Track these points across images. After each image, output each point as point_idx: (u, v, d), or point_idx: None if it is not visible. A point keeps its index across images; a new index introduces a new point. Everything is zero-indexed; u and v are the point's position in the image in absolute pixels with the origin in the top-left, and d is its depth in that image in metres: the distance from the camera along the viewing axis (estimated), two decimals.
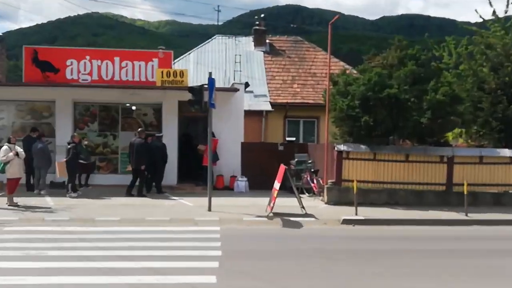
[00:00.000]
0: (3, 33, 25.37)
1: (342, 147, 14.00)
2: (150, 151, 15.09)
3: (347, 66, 21.21)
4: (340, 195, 13.88)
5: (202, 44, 25.08)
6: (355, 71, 17.64)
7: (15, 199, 12.83)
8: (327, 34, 14.72)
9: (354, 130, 14.47)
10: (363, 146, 14.04)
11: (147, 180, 15.32)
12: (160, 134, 16.30)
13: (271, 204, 11.82)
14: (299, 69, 23.19)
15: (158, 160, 15.41)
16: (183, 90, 14.35)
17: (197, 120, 17.75)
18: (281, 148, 17.38)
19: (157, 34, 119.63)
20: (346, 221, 11.53)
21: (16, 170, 12.77)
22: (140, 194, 14.71)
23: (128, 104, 17.63)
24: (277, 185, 12.00)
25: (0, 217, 11.32)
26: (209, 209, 12.37)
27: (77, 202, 13.44)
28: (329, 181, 14.26)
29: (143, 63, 17.20)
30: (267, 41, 24.52)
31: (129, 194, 14.67)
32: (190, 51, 24.66)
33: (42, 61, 16.88)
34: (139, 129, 15.77)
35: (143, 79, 17.14)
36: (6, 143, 13.10)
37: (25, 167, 13.79)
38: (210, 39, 25.40)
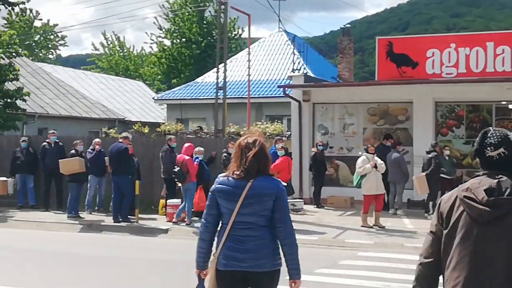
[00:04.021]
0: (348, 24, 28.03)
1: None
2: None
3: None
4: None
5: None
6: None
7: (376, 220, 13.84)
8: None
9: None
10: None
11: None
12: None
13: None
14: None
15: None
16: None
17: None
18: None
19: None
20: None
21: (373, 185, 13.71)
22: None
23: (504, 102, 17.05)
24: None
25: (354, 239, 12.48)
26: None
27: None
28: None
29: None
30: None
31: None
32: None
33: (398, 54, 17.83)
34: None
35: None
36: (364, 153, 14.23)
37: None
38: None
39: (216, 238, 4.52)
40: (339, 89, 19.10)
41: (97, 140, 16.33)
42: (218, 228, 4.53)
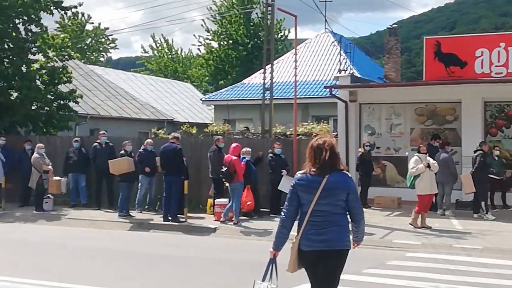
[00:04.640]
0: (395, 24, 27.71)
1: None
2: None
3: None
4: None
5: None
6: None
7: (422, 221, 13.68)
8: None
9: None
10: None
11: None
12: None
13: None
14: None
15: None
16: None
17: None
18: None
19: None
20: None
21: (427, 184, 13.63)
22: None
23: None
24: None
25: (402, 240, 12.34)
26: None
27: (490, 227, 13.48)
28: None
29: None
30: None
31: None
32: None
33: (446, 54, 17.57)
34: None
35: None
36: (416, 153, 14.12)
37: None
38: None
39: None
40: (386, 89, 18.93)
41: (149, 140, 16.59)
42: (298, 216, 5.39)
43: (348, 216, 5.47)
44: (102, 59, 55.38)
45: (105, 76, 33.84)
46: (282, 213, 5.48)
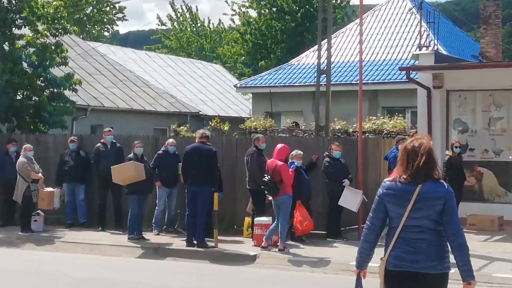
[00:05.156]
0: None
1: None
2: None
3: None
4: None
5: None
6: None
7: None
8: None
9: None
10: None
11: None
12: None
13: None
14: None
15: None
16: None
17: None
18: None
19: None
20: None
21: None
22: None
23: None
24: None
25: (504, 273, 12.15)
26: None
27: None
28: None
29: None
30: None
31: None
32: None
33: None
34: None
35: None
36: None
37: None
38: None
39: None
40: (482, 71, 18.65)
41: (171, 140, 16.67)
42: (384, 231, 5.82)
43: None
44: (106, 33, 56.04)
45: (110, 56, 34.27)
46: (365, 226, 5.93)
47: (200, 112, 32.93)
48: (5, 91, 20.82)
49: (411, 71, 18.50)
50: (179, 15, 56.59)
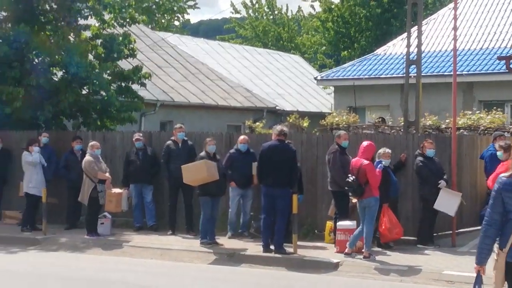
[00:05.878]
0: None
1: None
2: None
3: None
4: None
5: None
6: None
7: None
8: None
9: None
10: None
11: None
12: None
13: None
14: None
15: None
16: None
17: None
18: None
19: None
20: None
21: None
22: None
23: None
24: None
25: None
26: None
27: None
28: None
29: None
30: None
31: None
32: None
33: None
34: None
35: None
36: None
37: None
38: None
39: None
40: None
41: (242, 137, 16.65)
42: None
43: None
44: (176, 23, 56.57)
45: (181, 47, 34.57)
46: (484, 221, 6.66)
47: (277, 107, 32.91)
48: (70, 86, 20.99)
49: (511, 61, 18.15)
50: (254, 2, 56.77)
